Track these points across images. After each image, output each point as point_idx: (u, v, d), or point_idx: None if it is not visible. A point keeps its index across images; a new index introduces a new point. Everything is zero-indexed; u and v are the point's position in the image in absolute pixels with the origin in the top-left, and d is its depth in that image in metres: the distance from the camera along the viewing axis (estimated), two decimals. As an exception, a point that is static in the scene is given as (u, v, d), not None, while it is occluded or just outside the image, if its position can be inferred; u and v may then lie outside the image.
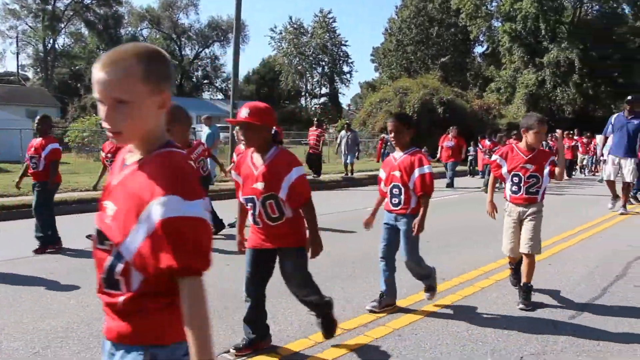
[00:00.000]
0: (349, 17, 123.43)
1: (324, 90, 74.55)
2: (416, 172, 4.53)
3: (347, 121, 22.38)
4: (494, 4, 43.49)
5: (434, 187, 4.62)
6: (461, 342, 4.05)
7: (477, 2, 42.83)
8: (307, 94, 75.42)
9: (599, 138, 13.29)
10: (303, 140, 32.05)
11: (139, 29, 67.54)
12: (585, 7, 41.95)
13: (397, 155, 4.76)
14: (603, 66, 38.15)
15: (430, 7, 51.88)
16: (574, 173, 22.14)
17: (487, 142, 16.22)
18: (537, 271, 6.05)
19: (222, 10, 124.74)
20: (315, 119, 18.40)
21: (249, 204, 3.69)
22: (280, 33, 70.55)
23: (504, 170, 5.06)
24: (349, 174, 17.80)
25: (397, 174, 4.64)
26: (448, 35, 52.09)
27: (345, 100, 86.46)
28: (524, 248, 4.87)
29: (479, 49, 54.99)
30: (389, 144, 20.46)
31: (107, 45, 62.30)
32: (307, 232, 3.72)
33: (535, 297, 5.12)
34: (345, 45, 72.52)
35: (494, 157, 5.26)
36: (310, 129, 17.74)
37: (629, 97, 10.80)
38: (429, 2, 51.45)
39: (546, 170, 4.88)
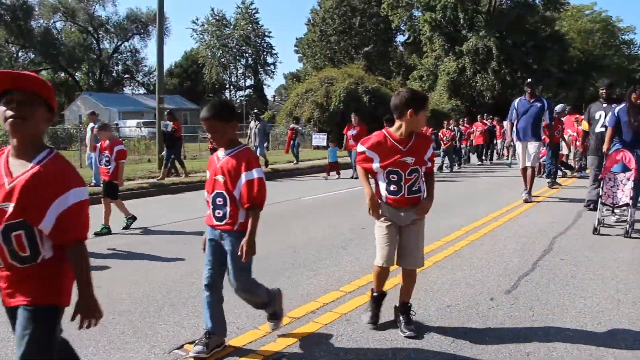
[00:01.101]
0: (272, 8, 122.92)
1: (248, 82, 74.09)
2: (242, 178, 3.50)
3: (256, 110, 20.64)
4: (414, -6, 44.42)
5: (265, 197, 3.55)
6: (407, 321, 4.17)
7: (398, -8, 43.63)
8: (231, 87, 74.68)
9: (505, 124, 13.33)
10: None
11: (51, 21, 64.55)
12: (500, -3, 43.53)
13: (221, 154, 3.65)
14: (518, 53, 39.77)
15: (352, -3, 52.44)
16: (496, 158, 22.72)
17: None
18: (472, 250, 6.36)
19: (141, 2, 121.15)
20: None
21: None
22: (202, 25, 69.47)
23: (376, 165, 3.91)
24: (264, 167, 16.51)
25: (221, 179, 3.57)
26: (370, 25, 52.84)
27: (270, 91, 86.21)
28: (406, 262, 3.96)
29: (400, 38, 56.20)
30: (299, 134, 20.03)
31: (16, 38, 59.23)
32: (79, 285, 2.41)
33: (473, 275, 5.35)
34: (268, 37, 72.26)
35: (361, 148, 4.02)
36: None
37: (529, 80, 10.75)
38: (351, -8, 52.03)
39: (426, 167, 3.94)
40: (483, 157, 21.50)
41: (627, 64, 74.57)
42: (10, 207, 2.26)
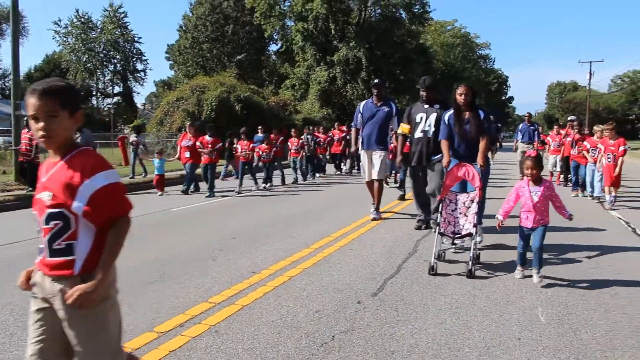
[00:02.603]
0: (142, 13, 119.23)
1: (117, 89, 71.20)
2: None
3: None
4: (287, 3, 45.02)
5: None
6: (276, 329, 4.17)
7: (271, 1, 43.97)
8: (98, 94, 71.40)
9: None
10: (102, 142, 30.30)
11: None
12: (369, 10, 45.17)
13: None
14: (386, 64, 41.53)
15: (225, 5, 52.16)
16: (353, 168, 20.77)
17: (244, 142, 14.31)
18: (341, 256, 6.50)
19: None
20: (25, 118, 14.29)
21: None
22: (66, 27, 65.82)
23: None
24: None
25: None
26: (243, 33, 52.79)
27: (140, 99, 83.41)
28: None
29: (273, 47, 56.60)
30: (133, 143, 17.96)
31: None
32: None
33: (341, 279, 5.46)
34: (138, 42, 69.92)
35: None
36: (22, 131, 14.16)
37: (375, 81, 9.50)
38: (224, 0, 51.71)
39: (78, 207, 2.29)
40: (341, 167, 20.69)
41: (484, 76, 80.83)
42: None
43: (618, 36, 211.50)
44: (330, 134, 20.65)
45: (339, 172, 20.50)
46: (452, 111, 6.84)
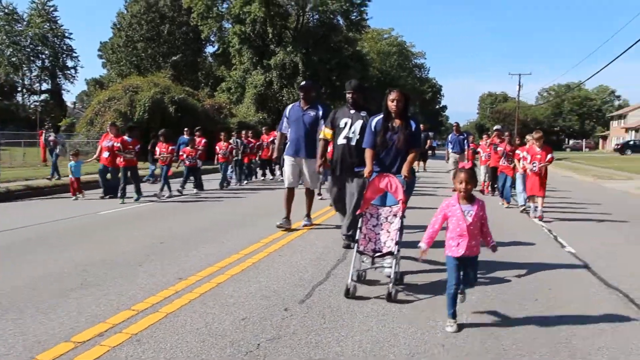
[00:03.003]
0: (73, 7, 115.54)
1: (45, 86, 68.72)
2: None
3: None
4: (225, 5, 44.73)
5: None
6: (201, 337, 4.07)
7: (208, 2, 43.54)
8: (24, 90, 68.65)
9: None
10: (27, 141, 29.17)
11: None
12: (307, 16, 45.45)
13: None
14: (323, 70, 41.85)
15: (162, 4, 51.32)
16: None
17: (163, 144, 14.21)
18: (271, 262, 6.47)
19: None
20: None
21: None
22: (-13, 18, 63.04)
23: None
24: None
25: None
26: (180, 33, 52.15)
27: (70, 97, 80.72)
28: None
29: (210, 49, 56.06)
30: (51, 142, 17.44)
31: None
32: None
33: (269, 286, 5.41)
34: (68, 38, 67.82)
35: None
36: None
37: (303, 83, 9.06)
38: (160, -1, 50.96)
39: None
40: (269, 172, 20.42)
41: (419, 85, 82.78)
42: None
43: (545, 51, 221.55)
44: (260, 139, 20.10)
45: (271, 178, 20.25)
46: (380, 116, 6.08)
